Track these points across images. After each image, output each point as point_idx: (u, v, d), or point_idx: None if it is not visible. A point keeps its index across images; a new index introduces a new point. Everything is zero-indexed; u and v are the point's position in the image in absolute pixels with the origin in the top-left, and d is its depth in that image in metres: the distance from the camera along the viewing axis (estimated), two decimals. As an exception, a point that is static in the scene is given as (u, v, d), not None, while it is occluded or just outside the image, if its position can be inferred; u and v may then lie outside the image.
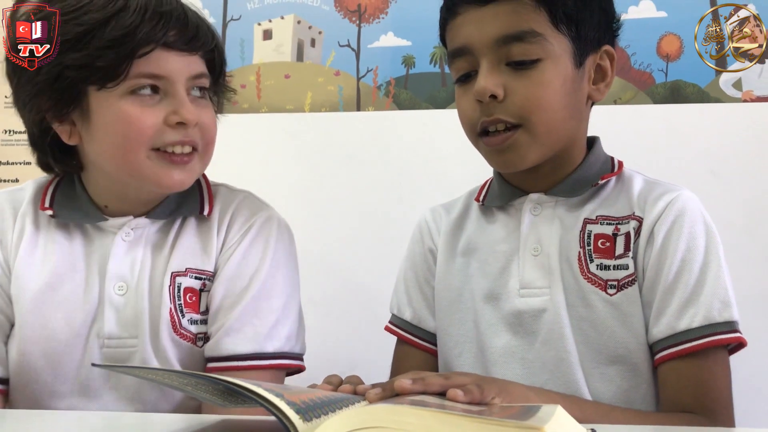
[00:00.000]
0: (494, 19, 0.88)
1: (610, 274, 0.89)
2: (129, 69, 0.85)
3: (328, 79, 1.67)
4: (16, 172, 1.76)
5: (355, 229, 1.55)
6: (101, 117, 0.88)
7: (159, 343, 0.90)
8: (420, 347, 1.02)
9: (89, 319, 0.90)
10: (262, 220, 0.97)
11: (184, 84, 0.90)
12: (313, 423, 0.46)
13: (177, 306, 0.91)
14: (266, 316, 0.92)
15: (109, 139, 0.88)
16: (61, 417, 0.82)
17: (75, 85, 0.87)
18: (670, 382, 0.85)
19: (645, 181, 0.95)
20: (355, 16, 1.67)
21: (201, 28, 0.92)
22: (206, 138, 0.93)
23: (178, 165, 0.90)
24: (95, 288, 0.91)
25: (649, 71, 1.54)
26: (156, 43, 0.86)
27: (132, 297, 0.91)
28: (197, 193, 0.98)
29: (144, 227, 0.94)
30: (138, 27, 0.85)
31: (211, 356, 0.91)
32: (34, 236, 0.94)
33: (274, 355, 0.92)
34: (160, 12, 0.87)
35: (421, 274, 1.04)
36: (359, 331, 1.48)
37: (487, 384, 0.67)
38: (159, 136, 0.88)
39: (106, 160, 0.91)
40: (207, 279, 0.94)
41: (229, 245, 0.95)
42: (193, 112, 0.89)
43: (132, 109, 0.87)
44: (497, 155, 0.92)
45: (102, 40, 0.84)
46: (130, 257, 0.93)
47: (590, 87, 0.93)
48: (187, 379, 0.66)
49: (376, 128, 1.62)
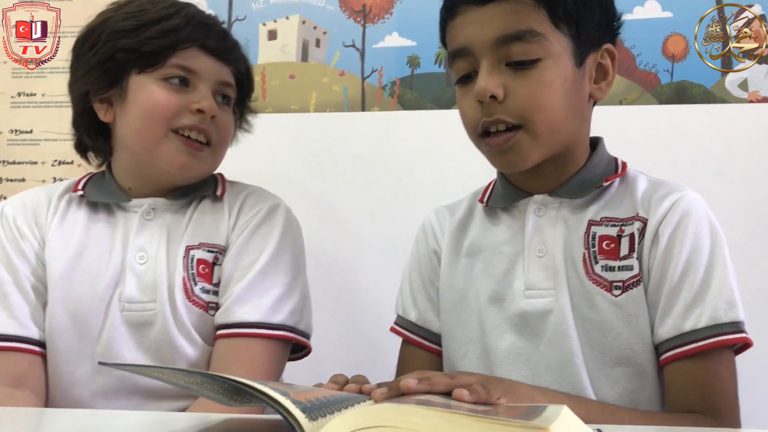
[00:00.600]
0: (494, 19, 0.88)
1: (614, 275, 0.89)
2: (168, 58, 1.01)
3: (333, 79, 1.67)
4: (23, 172, 1.76)
5: (360, 229, 1.55)
6: (135, 96, 1.02)
7: (176, 308, 0.99)
8: (425, 348, 1.02)
9: (112, 284, 1.00)
10: (271, 205, 1.07)
11: (211, 84, 1.04)
12: (318, 422, 0.46)
13: (190, 275, 1.01)
14: (271, 289, 1.00)
15: (137, 113, 1.02)
16: (63, 414, 0.83)
17: (120, 66, 1.02)
18: (675, 382, 0.85)
19: (649, 181, 0.95)
20: (359, 17, 1.67)
21: (237, 48, 1.09)
22: (220, 134, 1.06)
23: (190, 150, 1.02)
24: (118, 257, 1.02)
25: (655, 72, 1.54)
26: (195, 42, 1.02)
27: (152, 265, 1.01)
28: (212, 179, 1.10)
29: (163, 207, 1.06)
30: (183, 28, 1.02)
31: (220, 323, 1.00)
32: (65, 212, 1.06)
33: (280, 326, 0.99)
34: (204, 23, 1.05)
35: (426, 275, 1.04)
36: (364, 331, 1.48)
37: (493, 384, 0.67)
38: (178, 118, 1.01)
39: (131, 136, 1.03)
40: (218, 252, 1.03)
41: (240, 224, 1.05)
42: (213, 104, 1.03)
43: (161, 91, 1.01)
44: (499, 156, 0.92)
45: (152, 32, 1.01)
46: (149, 232, 1.03)
47: (591, 86, 0.93)
48: (193, 378, 0.66)
49: (381, 128, 1.62)
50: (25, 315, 1.00)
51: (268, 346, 0.98)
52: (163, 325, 0.98)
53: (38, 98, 1.78)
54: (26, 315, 1.00)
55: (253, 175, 1.17)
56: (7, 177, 1.77)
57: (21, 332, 0.99)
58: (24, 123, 1.77)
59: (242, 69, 1.10)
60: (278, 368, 1.03)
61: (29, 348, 0.99)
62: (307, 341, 1.03)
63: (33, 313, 1.00)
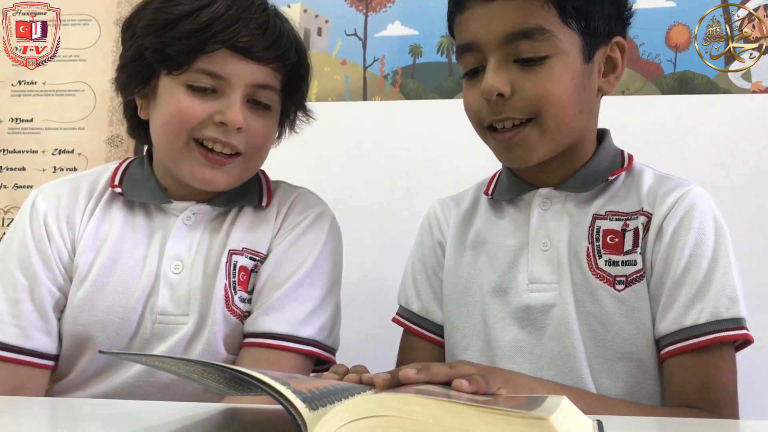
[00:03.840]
0: (502, 15, 0.86)
1: (618, 269, 0.89)
2: (192, 62, 0.92)
3: (335, 68, 1.66)
4: (23, 161, 1.76)
5: (362, 219, 1.54)
6: (162, 99, 0.95)
7: (208, 320, 0.93)
8: (427, 339, 1.02)
9: (145, 295, 0.95)
10: (317, 213, 1.02)
11: (242, 89, 0.94)
12: (319, 412, 0.46)
13: (231, 283, 0.96)
14: (305, 302, 0.95)
15: (161, 119, 0.95)
16: (68, 404, 0.83)
17: (149, 66, 0.95)
18: (675, 376, 0.85)
19: (655, 175, 0.95)
20: (362, 5, 1.66)
21: (281, 41, 0.96)
22: (253, 145, 0.97)
23: (212, 163, 0.94)
24: (153, 265, 0.96)
25: (658, 62, 1.53)
26: (222, 44, 0.91)
27: (186, 275, 0.96)
28: (256, 186, 1.04)
29: (204, 213, 1.00)
30: (210, 26, 0.90)
31: (248, 332, 0.95)
32: (102, 213, 0.99)
33: (307, 341, 0.94)
34: (239, 17, 0.92)
35: (430, 266, 1.04)
36: (365, 322, 1.48)
37: (493, 374, 0.67)
38: (200, 129, 0.93)
39: (157, 140, 0.98)
40: (259, 261, 0.98)
41: (284, 231, 1.00)
42: (239, 116, 0.93)
43: (185, 98, 0.93)
44: (506, 151, 0.91)
45: (177, 32, 0.91)
46: (188, 238, 0.98)
47: (600, 80, 0.92)
48: (194, 367, 0.66)
49: (383, 118, 1.61)
50: (33, 325, 0.93)
51: (293, 360, 0.93)
52: (189, 335, 0.93)
53: (39, 87, 1.78)
54: (34, 325, 0.93)
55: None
56: (7, 166, 1.77)
57: (25, 343, 0.93)
58: (24, 112, 1.77)
59: (288, 63, 0.97)
60: None
61: (30, 360, 0.93)
62: (331, 357, 0.98)
63: (43, 323, 0.94)
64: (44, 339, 0.94)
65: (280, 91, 0.99)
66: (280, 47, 0.95)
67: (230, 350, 0.95)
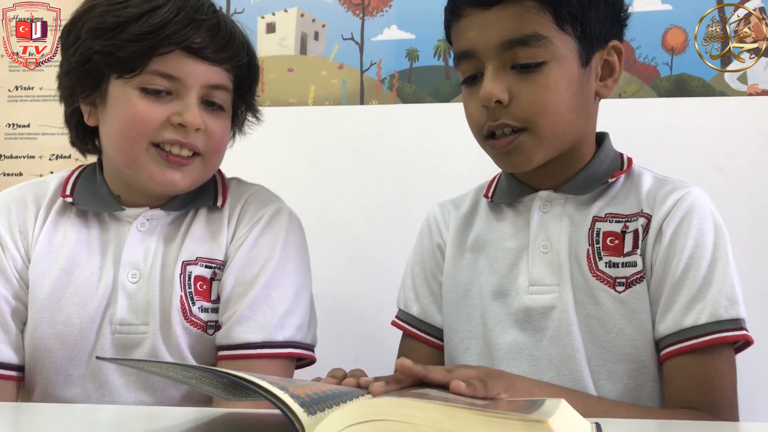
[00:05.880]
0: (498, 23, 0.87)
1: (618, 271, 0.89)
2: (146, 64, 0.90)
3: (332, 72, 1.66)
4: (20, 166, 1.76)
5: (359, 223, 1.55)
6: (114, 103, 0.93)
7: (170, 330, 0.92)
8: (426, 342, 1.02)
9: (102, 305, 0.93)
10: (272, 211, 1.00)
11: (197, 90, 0.93)
12: (317, 416, 0.45)
13: (187, 294, 0.94)
14: (276, 305, 0.94)
15: (116, 125, 0.93)
16: (68, 409, 0.82)
17: (99, 70, 0.92)
18: (674, 378, 0.85)
19: (654, 178, 0.95)
20: (358, 9, 1.67)
21: (233, 43, 0.96)
22: (211, 145, 0.96)
23: (173, 165, 0.93)
24: (109, 275, 0.95)
25: (654, 64, 1.54)
26: (176, 45, 0.90)
27: (144, 285, 0.94)
28: (212, 187, 1.02)
29: (159, 218, 0.98)
30: (163, 27, 0.89)
31: (222, 344, 0.93)
32: (54, 223, 0.97)
33: (285, 344, 0.93)
34: (191, 18, 0.91)
35: (429, 269, 1.04)
36: (363, 325, 1.48)
37: (493, 378, 0.67)
38: (159, 132, 0.92)
39: (111, 147, 0.95)
40: (217, 268, 0.96)
41: (240, 235, 0.97)
42: (197, 117, 0.92)
43: (140, 102, 0.91)
44: (503, 157, 0.92)
45: (129, 34, 0.89)
46: (143, 246, 0.96)
47: (597, 84, 0.92)
48: (191, 373, 0.66)
49: (380, 122, 1.61)
50: None
51: (272, 365, 0.92)
52: (153, 349, 0.92)
53: (36, 92, 1.78)
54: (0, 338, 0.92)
55: (250, 169, 1.16)
56: (4, 171, 1.77)
57: None
58: (21, 117, 1.77)
59: (241, 63, 0.98)
60: None
61: (0, 373, 0.92)
62: (311, 354, 0.97)
63: (8, 336, 0.93)
64: (5, 349, 0.93)
65: (232, 92, 0.99)
66: (232, 48, 0.95)
67: (200, 360, 0.94)
